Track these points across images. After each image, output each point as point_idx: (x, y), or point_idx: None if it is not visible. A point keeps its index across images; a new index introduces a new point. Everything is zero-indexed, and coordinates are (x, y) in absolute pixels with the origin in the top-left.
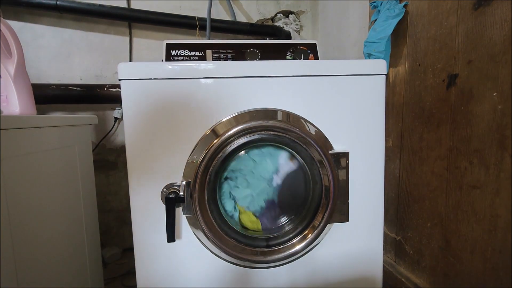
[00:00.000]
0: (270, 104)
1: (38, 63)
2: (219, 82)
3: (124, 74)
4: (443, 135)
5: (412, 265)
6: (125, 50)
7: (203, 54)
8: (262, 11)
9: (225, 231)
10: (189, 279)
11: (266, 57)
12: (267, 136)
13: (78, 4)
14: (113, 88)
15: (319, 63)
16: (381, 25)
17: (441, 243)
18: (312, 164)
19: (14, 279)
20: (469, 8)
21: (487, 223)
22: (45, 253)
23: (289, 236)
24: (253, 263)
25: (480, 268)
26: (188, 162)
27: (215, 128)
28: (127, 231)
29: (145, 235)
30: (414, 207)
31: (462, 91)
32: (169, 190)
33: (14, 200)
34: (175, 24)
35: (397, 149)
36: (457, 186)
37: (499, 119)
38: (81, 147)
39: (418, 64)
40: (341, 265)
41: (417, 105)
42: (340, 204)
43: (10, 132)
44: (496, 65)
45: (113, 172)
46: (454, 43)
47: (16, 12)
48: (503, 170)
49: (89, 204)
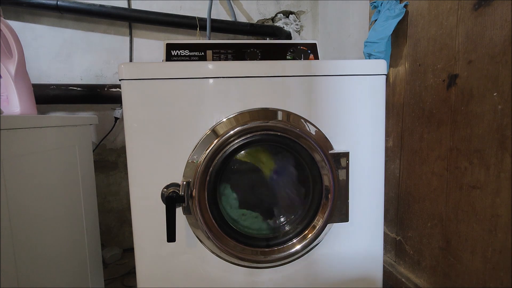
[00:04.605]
0: (270, 104)
1: (39, 63)
2: (219, 82)
3: (124, 74)
4: (443, 135)
5: (412, 265)
6: (126, 50)
7: (203, 54)
8: (262, 11)
9: (225, 231)
10: (189, 279)
11: (266, 57)
12: (267, 136)
13: (78, 4)
14: (114, 88)
15: (319, 63)
16: (381, 25)
17: (442, 243)
18: (312, 164)
19: (14, 279)
20: (469, 9)
21: (488, 223)
22: (45, 253)
23: (289, 236)
24: (253, 263)
25: (480, 268)
26: (188, 162)
27: (215, 128)
28: (128, 231)
29: (146, 235)
30: (414, 207)
31: (462, 91)
32: (169, 190)
33: (14, 200)
34: (175, 24)
35: (397, 149)
36: (457, 186)
37: (499, 119)
38: (82, 147)
39: (418, 64)
40: (341, 265)
41: (417, 105)
42: (340, 204)
43: (11, 132)
44: (496, 66)
45: (114, 172)
46: (454, 43)
47: (16, 12)
48: (503, 170)
49: (90, 204)
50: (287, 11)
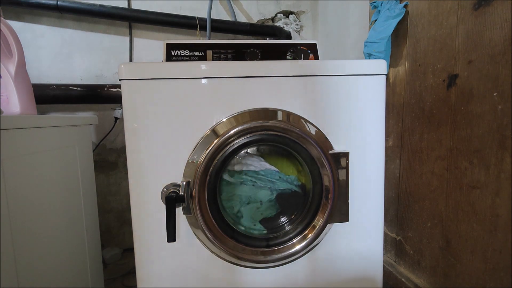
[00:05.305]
0: (270, 104)
1: (39, 63)
2: (220, 82)
3: (124, 74)
4: (443, 135)
5: (412, 265)
6: (126, 50)
7: (203, 54)
8: (262, 11)
9: (225, 231)
10: (189, 279)
11: (266, 57)
12: (267, 136)
13: (78, 4)
14: (114, 88)
15: (319, 63)
16: (381, 25)
17: (442, 243)
18: (313, 164)
19: (15, 279)
20: (469, 8)
21: (488, 223)
22: (45, 253)
23: (289, 236)
24: (253, 263)
25: (480, 268)
26: (188, 162)
27: (215, 128)
28: (128, 231)
29: (146, 235)
30: (414, 207)
31: (462, 91)
32: (169, 190)
33: (14, 200)
34: (175, 24)
35: (397, 149)
36: (457, 186)
37: (499, 119)
38: (82, 147)
39: (419, 64)
40: (341, 265)
41: (417, 105)
42: (340, 204)
43: (11, 132)
44: (496, 65)
45: (114, 172)
46: (454, 43)
47: (16, 12)
48: (503, 170)
49: (89, 204)
50: (287, 11)
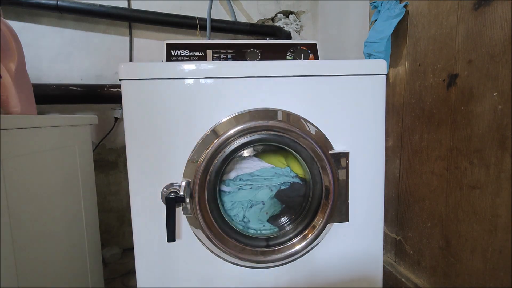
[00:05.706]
0: (270, 104)
1: (39, 63)
2: (219, 82)
3: (124, 74)
4: (443, 135)
5: (412, 265)
6: (126, 50)
7: (203, 54)
8: (262, 11)
9: (225, 231)
10: (189, 279)
11: (266, 57)
12: (267, 136)
13: (78, 4)
14: (114, 88)
15: (319, 63)
16: (381, 25)
17: (441, 243)
18: (313, 164)
19: (14, 279)
20: (469, 8)
21: (488, 223)
22: (45, 253)
23: (289, 236)
24: (253, 263)
25: (480, 268)
26: (188, 162)
27: (215, 128)
28: (128, 231)
29: (145, 235)
30: (414, 207)
31: (462, 91)
32: (169, 190)
33: (14, 200)
34: (175, 24)
35: (397, 149)
36: (457, 186)
37: (499, 119)
38: (81, 147)
39: (418, 64)
40: (341, 265)
41: (417, 105)
42: (340, 204)
43: (11, 132)
44: (496, 65)
45: (113, 172)
46: (454, 43)
47: (16, 12)
48: (503, 170)
49: (89, 204)
50: (287, 11)
